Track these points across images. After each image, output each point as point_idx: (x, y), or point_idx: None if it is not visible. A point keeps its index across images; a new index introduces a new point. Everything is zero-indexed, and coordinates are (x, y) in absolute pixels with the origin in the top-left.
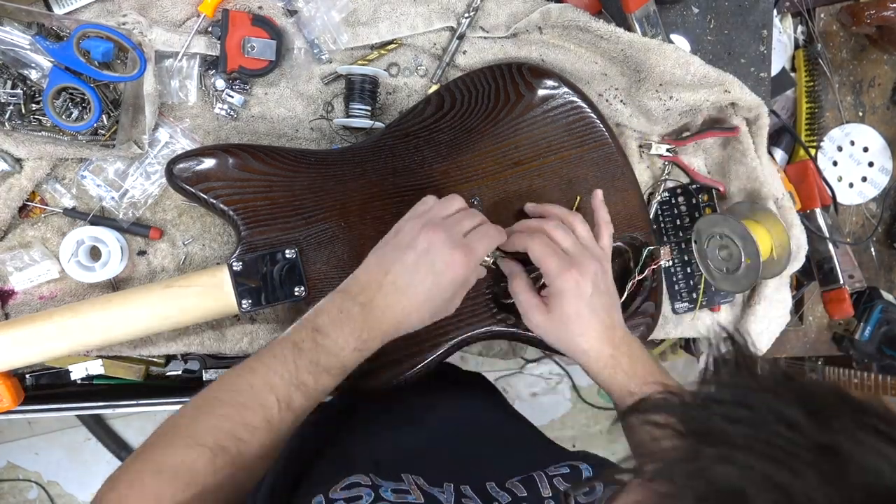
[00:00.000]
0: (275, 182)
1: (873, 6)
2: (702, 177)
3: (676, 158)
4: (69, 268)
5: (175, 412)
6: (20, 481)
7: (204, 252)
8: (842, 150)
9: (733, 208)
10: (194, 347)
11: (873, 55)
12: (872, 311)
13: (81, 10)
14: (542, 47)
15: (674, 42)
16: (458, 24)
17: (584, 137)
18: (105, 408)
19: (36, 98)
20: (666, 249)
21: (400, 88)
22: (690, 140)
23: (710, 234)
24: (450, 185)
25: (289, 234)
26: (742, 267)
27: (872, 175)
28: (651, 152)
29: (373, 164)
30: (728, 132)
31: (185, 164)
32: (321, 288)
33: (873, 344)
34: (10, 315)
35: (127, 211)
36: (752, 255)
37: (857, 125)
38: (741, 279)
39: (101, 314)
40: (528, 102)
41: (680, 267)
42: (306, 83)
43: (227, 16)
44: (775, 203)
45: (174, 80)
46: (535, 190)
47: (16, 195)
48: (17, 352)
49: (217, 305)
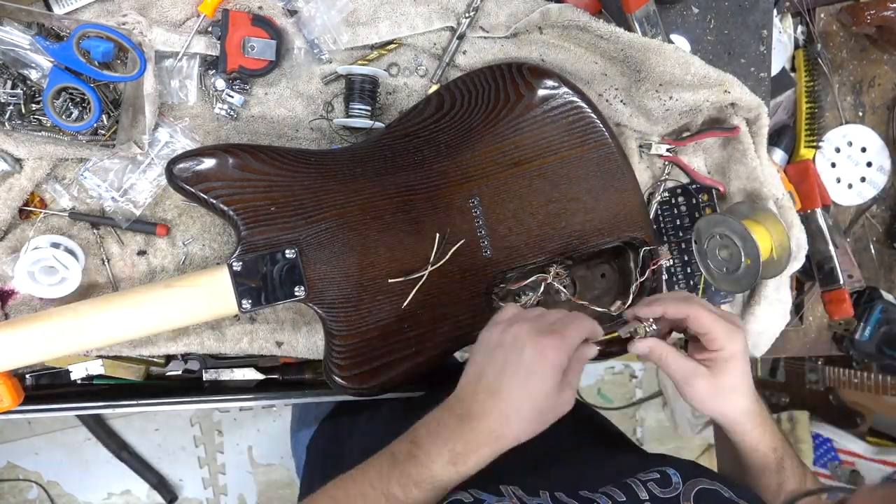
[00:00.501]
0: (275, 182)
1: (873, 6)
2: (702, 177)
3: (676, 158)
4: (19, 275)
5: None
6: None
7: (204, 252)
8: (840, 151)
9: (733, 208)
10: (194, 347)
11: (873, 55)
12: (872, 311)
13: (81, 10)
14: (542, 47)
15: (674, 42)
16: (458, 24)
17: (584, 137)
18: (105, 408)
19: (36, 98)
20: (665, 249)
21: (400, 88)
22: (690, 140)
23: (710, 234)
24: (449, 185)
25: (289, 234)
26: (742, 267)
27: (871, 175)
28: (651, 152)
29: (373, 164)
30: (728, 132)
31: (185, 163)
32: (321, 288)
33: (873, 344)
34: (10, 315)
35: (127, 211)
36: (752, 255)
37: (854, 126)
38: (741, 279)
39: (101, 314)
40: (529, 102)
41: (680, 267)
42: (306, 83)
43: (227, 16)
44: (775, 203)
45: (174, 80)
46: (536, 190)
47: (16, 195)
48: (17, 352)
49: (217, 305)
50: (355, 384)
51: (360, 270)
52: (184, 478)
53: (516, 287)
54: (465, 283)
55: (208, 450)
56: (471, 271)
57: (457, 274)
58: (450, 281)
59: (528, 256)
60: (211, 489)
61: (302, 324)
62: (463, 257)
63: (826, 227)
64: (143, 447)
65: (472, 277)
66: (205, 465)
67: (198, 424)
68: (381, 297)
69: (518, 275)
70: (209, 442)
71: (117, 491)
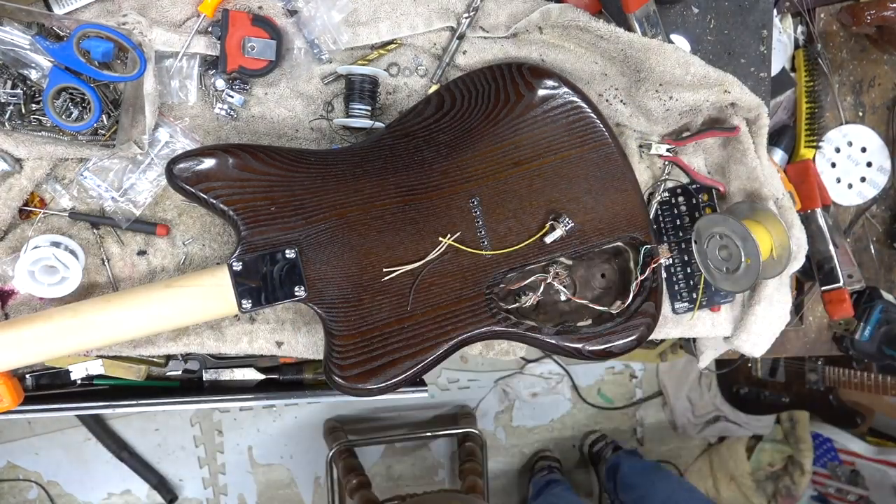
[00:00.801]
0: (275, 182)
1: (873, 6)
2: (702, 177)
3: (676, 158)
4: (19, 274)
5: None
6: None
7: (204, 252)
8: (840, 151)
9: (733, 208)
10: (194, 347)
11: (873, 55)
12: (872, 311)
13: (81, 10)
14: (543, 47)
15: (674, 42)
16: (458, 24)
17: (584, 137)
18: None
19: (36, 98)
20: (664, 248)
21: (400, 88)
22: (690, 140)
23: (709, 233)
24: (450, 185)
25: (289, 234)
26: (742, 267)
27: (871, 175)
28: (651, 152)
29: (373, 163)
30: (728, 132)
31: (185, 163)
32: (321, 288)
33: (873, 344)
34: (10, 315)
35: (127, 211)
36: (752, 254)
37: (854, 126)
38: (741, 279)
39: (101, 314)
40: (529, 102)
41: (680, 267)
42: (306, 83)
43: (227, 16)
44: (775, 203)
45: (174, 80)
46: (535, 190)
47: (16, 195)
48: (17, 352)
49: (217, 305)
50: (355, 384)
51: (360, 270)
52: (184, 478)
53: (516, 287)
54: (466, 282)
55: (208, 450)
56: (471, 271)
57: (457, 274)
58: (450, 281)
59: (528, 256)
60: (211, 489)
61: (302, 324)
62: (463, 257)
63: (826, 227)
64: (143, 447)
65: (472, 277)
66: (205, 465)
67: (198, 424)
68: (382, 296)
69: (518, 275)
70: (209, 442)
71: (117, 491)
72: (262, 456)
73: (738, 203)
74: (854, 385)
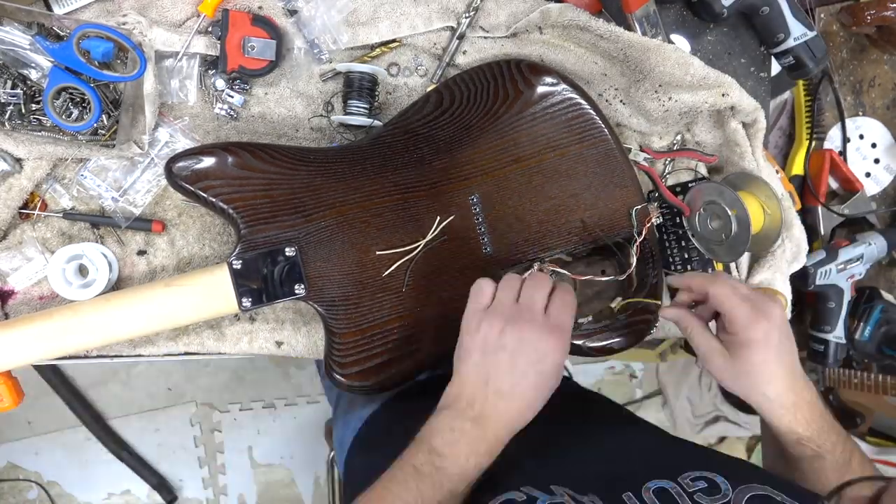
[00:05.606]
0: (274, 180)
1: (873, 6)
2: (669, 194)
3: (650, 169)
4: (52, 276)
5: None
6: (20, 481)
7: (204, 252)
8: (850, 141)
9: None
10: (194, 347)
11: (873, 55)
12: (872, 311)
13: (81, 10)
14: (543, 47)
15: (674, 42)
16: (458, 24)
17: (583, 134)
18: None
19: (36, 98)
20: (654, 206)
21: (399, 88)
22: (666, 155)
23: (703, 202)
24: (449, 182)
25: (288, 233)
26: (733, 231)
27: (877, 172)
28: (629, 157)
29: (372, 161)
30: (707, 158)
31: (185, 162)
32: (321, 286)
33: (873, 344)
34: (10, 315)
35: (127, 210)
36: (738, 207)
37: (867, 119)
38: (736, 244)
39: (101, 314)
40: (528, 99)
41: (680, 266)
42: (306, 83)
43: (227, 16)
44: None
45: (174, 80)
46: (535, 187)
47: (16, 195)
48: (17, 352)
49: (217, 304)
50: (356, 381)
51: (361, 268)
52: (184, 478)
53: None
54: (466, 279)
55: (208, 450)
56: (471, 268)
57: (457, 271)
58: (450, 278)
59: (528, 253)
60: (211, 489)
61: (302, 324)
62: (463, 254)
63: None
64: (143, 447)
65: (472, 274)
66: (205, 465)
67: (198, 424)
68: (382, 294)
69: (518, 271)
70: (209, 442)
71: (117, 491)
72: (262, 456)
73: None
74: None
